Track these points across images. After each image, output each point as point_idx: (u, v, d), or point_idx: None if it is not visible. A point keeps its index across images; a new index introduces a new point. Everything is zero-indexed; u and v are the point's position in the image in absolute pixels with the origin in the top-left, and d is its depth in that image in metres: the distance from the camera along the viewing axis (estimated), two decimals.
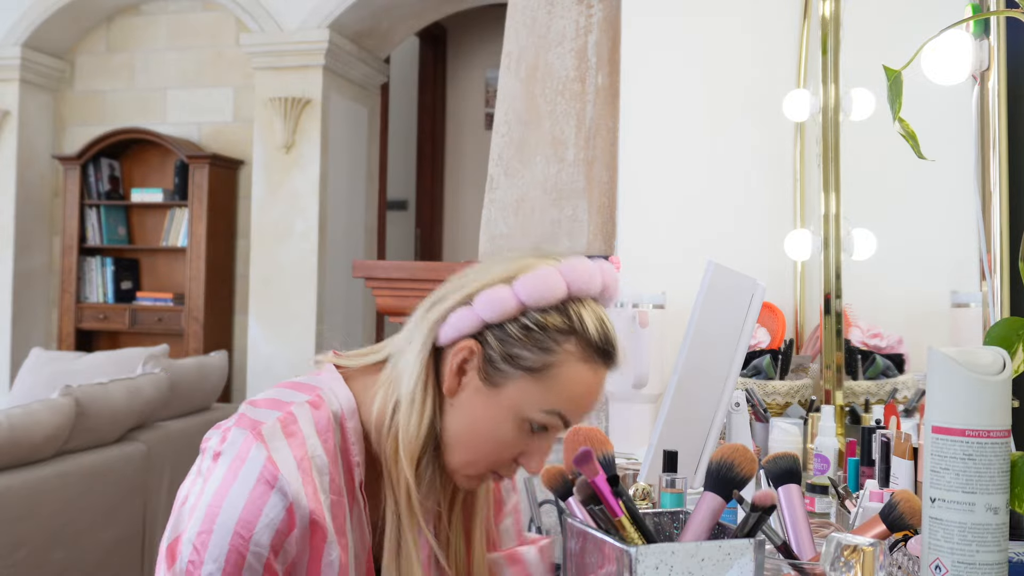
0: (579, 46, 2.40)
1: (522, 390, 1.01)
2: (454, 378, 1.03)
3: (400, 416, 1.03)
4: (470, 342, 1.02)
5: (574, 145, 2.37)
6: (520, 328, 1.01)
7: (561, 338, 1.01)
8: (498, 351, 1.01)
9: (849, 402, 1.89)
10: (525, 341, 1.01)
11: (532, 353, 1.00)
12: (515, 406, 1.01)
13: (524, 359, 1.01)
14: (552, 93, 2.40)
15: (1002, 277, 1.31)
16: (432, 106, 7.18)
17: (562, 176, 2.37)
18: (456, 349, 1.02)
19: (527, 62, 2.42)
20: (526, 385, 1.01)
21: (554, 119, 2.39)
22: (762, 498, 0.89)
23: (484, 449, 1.03)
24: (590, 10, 2.41)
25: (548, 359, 1.00)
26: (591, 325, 1.02)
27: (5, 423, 2.50)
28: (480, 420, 1.03)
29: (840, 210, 1.95)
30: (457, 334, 1.02)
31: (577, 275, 1.02)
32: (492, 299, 1.01)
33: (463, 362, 1.02)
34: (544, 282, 1.00)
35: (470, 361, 1.02)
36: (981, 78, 1.33)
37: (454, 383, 1.03)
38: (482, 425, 1.02)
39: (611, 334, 1.04)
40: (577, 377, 1.01)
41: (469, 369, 1.02)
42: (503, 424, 1.02)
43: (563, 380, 1.01)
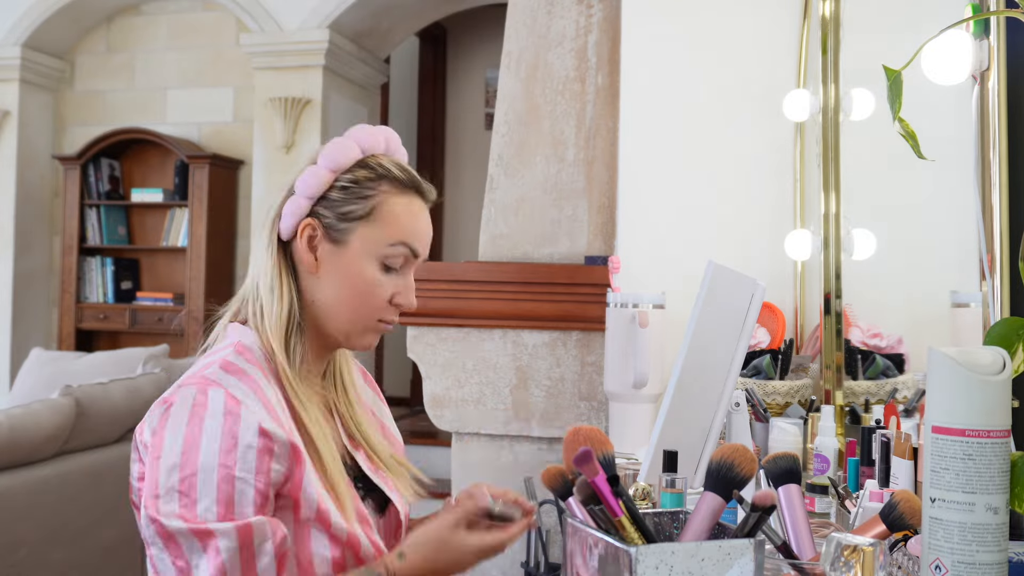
0: (579, 46, 2.40)
1: (364, 236, 1.19)
2: (308, 254, 1.19)
3: (264, 308, 1.18)
4: (308, 220, 1.19)
5: (574, 145, 2.37)
6: (339, 191, 1.20)
7: (373, 184, 1.20)
8: (332, 216, 1.19)
9: (849, 402, 1.89)
10: (348, 198, 1.19)
11: (357, 204, 1.19)
12: (366, 250, 1.19)
13: (354, 211, 1.19)
14: (552, 93, 2.40)
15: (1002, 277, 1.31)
16: (432, 106, 7.18)
17: (562, 176, 2.37)
18: (299, 231, 1.19)
19: (527, 62, 2.42)
20: (365, 231, 1.19)
21: (554, 119, 2.39)
22: (762, 498, 0.89)
23: (360, 299, 1.19)
24: (590, 10, 2.41)
25: (371, 203, 1.19)
26: (392, 167, 1.22)
27: (5, 423, 2.50)
28: (346, 277, 1.19)
29: (840, 210, 1.95)
30: (295, 219, 1.19)
31: (363, 136, 1.22)
32: (307, 178, 1.19)
33: (310, 239, 1.19)
34: (339, 148, 1.20)
35: (315, 235, 1.19)
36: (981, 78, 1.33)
37: (310, 258, 1.19)
38: (349, 280, 1.19)
39: (413, 172, 1.23)
40: (400, 209, 1.21)
41: (317, 241, 1.19)
42: (365, 270, 1.19)
43: (391, 215, 1.20)
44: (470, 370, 2.30)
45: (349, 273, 1.19)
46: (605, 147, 2.37)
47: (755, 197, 2.22)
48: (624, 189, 2.27)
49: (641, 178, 2.27)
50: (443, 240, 7.16)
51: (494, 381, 2.29)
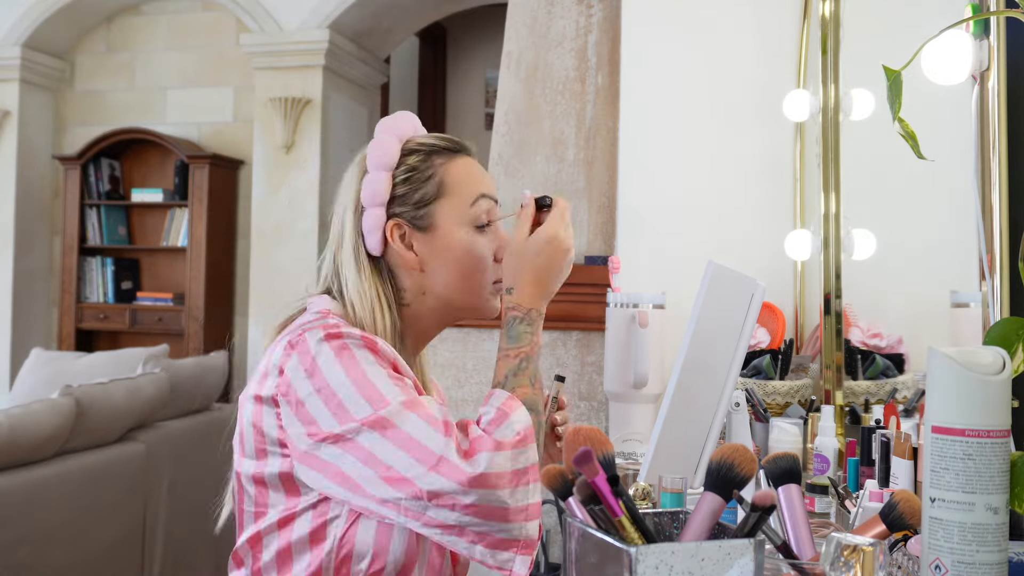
0: (579, 46, 2.40)
1: (447, 210, 1.21)
2: (408, 253, 1.21)
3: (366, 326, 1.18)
4: (389, 223, 1.20)
5: (574, 145, 2.37)
6: (402, 185, 1.21)
7: (428, 163, 1.22)
8: (409, 208, 1.21)
9: (849, 402, 1.89)
10: (414, 187, 1.21)
11: (425, 187, 1.21)
12: (456, 220, 1.21)
13: (427, 194, 1.21)
14: (552, 93, 2.40)
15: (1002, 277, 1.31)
16: (432, 106, 7.18)
17: (562, 176, 2.37)
18: (390, 237, 1.20)
19: (527, 62, 2.42)
20: (445, 206, 1.21)
21: (554, 119, 2.39)
22: (762, 498, 0.89)
23: (472, 267, 1.21)
24: (590, 10, 2.41)
25: (436, 180, 1.21)
26: (433, 141, 1.25)
27: (5, 423, 2.50)
28: (450, 254, 1.21)
29: (840, 210, 1.95)
30: (377, 230, 1.20)
31: (394, 127, 1.24)
32: (369, 189, 1.20)
33: (402, 238, 1.21)
34: (383, 148, 1.21)
35: (405, 232, 1.21)
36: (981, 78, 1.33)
37: (411, 256, 1.21)
38: (455, 255, 1.21)
39: (450, 137, 1.27)
40: (461, 170, 1.23)
41: (409, 238, 1.21)
42: (463, 239, 1.21)
43: (457, 179, 1.22)
44: (470, 370, 2.30)
45: (452, 249, 1.21)
46: (605, 147, 2.37)
47: (755, 197, 2.22)
48: (624, 189, 2.27)
49: (641, 178, 2.27)
50: None
51: None
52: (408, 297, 1.22)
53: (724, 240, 2.21)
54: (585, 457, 0.89)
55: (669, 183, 2.26)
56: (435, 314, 1.24)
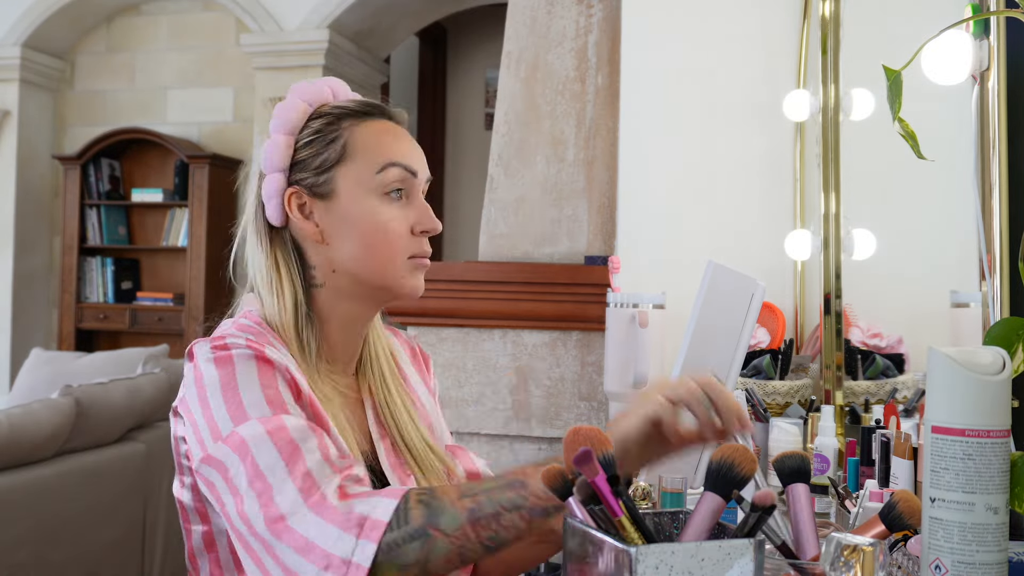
0: (579, 46, 2.40)
1: (348, 176, 1.10)
2: (307, 223, 1.11)
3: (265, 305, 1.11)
4: (288, 191, 1.11)
5: (574, 145, 2.37)
6: (305, 148, 1.12)
7: (333, 126, 1.12)
8: (310, 174, 1.11)
9: (849, 402, 1.89)
10: (316, 151, 1.11)
11: (327, 150, 1.11)
12: (359, 188, 1.10)
13: (327, 158, 1.11)
14: (552, 93, 2.40)
15: (1002, 277, 1.31)
16: (432, 106, 7.18)
17: (562, 176, 2.37)
18: (288, 206, 1.11)
19: (527, 62, 2.42)
20: (347, 171, 1.11)
21: (554, 119, 2.39)
22: (762, 498, 0.89)
23: (378, 240, 1.10)
24: (590, 10, 2.41)
25: (340, 142, 1.11)
26: (348, 104, 1.14)
27: (5, 423, 2.50)
28: (352, 224, 1.10)
29: (840, 210, 1.95)
30: (276, 196, 1.11)
31: (305, 90, 1.14)
32: (268, 152, 1.12)
33: (300, 207, 1.11)
34: (286, 109, 1.13)
35: (303, 201, 1.11)
36: (981, 78, 1.33)
37: (311, 226, 1.11)
38: (358, 226, 1.10)
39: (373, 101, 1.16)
40: (370, 133, 1.12)
41: (308, 206, 1.11)
42: (367, 208, 1.10)
43: (364, 143, 1.11)
44: (470, 370, 2.30)
45: (353, 219, 1.10)
46: (605, 147, 2.37)
47: (755, 197, 2.22)
48: (624, 189, 2.27)
49: (641, 178, 2.26)
50: (443, 240, 7.16)
51: (494, 381, 2.29)
52: (319, 276, 1.13)
53: (724, 240, 2.21)
54: (585, 457, 0.89)
55: (669, 183, 2.26)
56: (353, 294, 1.13)
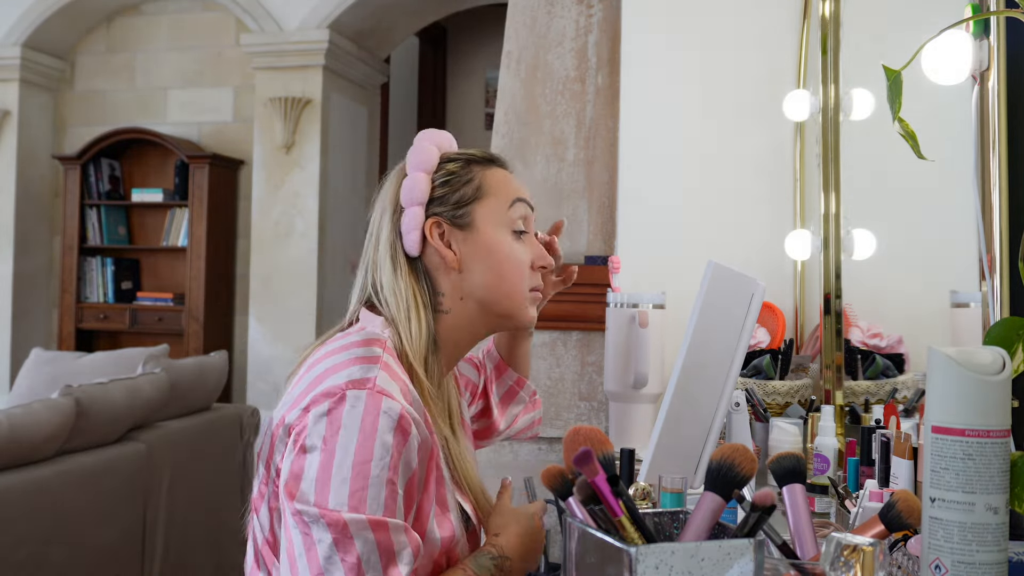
0: (579, 46, 2.40)
1: (485, 212, 1.23)
2: (447, 250, 1.21)
3: (402, 332, 1.17)
4: (428, 221, 1.21)
5: (574, 145, 2.37)
6: (442, 187, 1.23)
7: (467, 169, 1.25)
8: (448, 208, 1.22)
9: (849, 402, 1.89)
10: (453, 188, 1.23)
11: (465, 188, 1.23)
12: (494, 222, 1.23)
13: (466, 195, 1.23)
14: (552, 93, 2.40)
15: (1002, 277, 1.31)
16: (432, 106, 7.18)
17: (562, 176, 2.37)
18: (429, 234, 1.21)
19: (527, 62, 2.42)
20: (484, 207, 1.23)
21: (554, 119, 2.39)
22: (762, 498, 0.89)
23: (510, 270, 1.23)
24: (590, 10, 2.41)
25: (475, 183, 1.24)
26: (472, 152, 1.28)
27: (5, 423, 2.50)
28: (488, 254, 1.22)
29: (840, 210, 1.95)
30: (416, 229, 1.21)
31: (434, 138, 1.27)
32: (410, 189, 1.21)
33: (441, 237, 1.21)
34: (423, 153, 1.24)
35: (444, 231, 1.21)
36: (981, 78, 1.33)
37: (450, 254, 1.21)
38: (493, 256, 1.22)
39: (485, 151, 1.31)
40: (499, 177, 1.27)
41: (448, 237, 1.21)
42: (502, 241, 1.23)
43: (495, 184, 1.25)
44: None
45: (490, 249, 1.22)
46: (605, 147, 2.37)
47: (755, 197, 2.22)
48: (624, 189, 2.27)
49: (641, 178, 2.27)
50: None
51: None
52: (447, 303, 1.22)
53: (724, 240, 2.21)
54: (585, 457, 0.89)
55: (669, 183, 2.26)
56: (473, 321, 1.23)
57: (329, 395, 1.05)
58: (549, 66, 2.40)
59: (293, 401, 1.09)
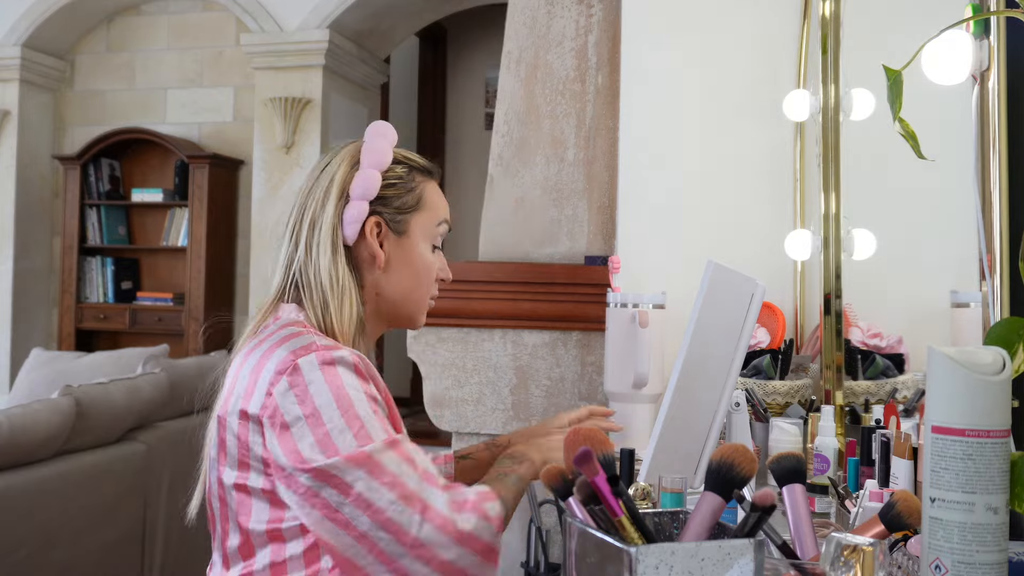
0: (579, 46, 2.40)
1: (419, 223, 1.32)
2: (379, 251, 1.28)
3: (332, 312, 1.24)
4: (372, 220, 1.28)
5: (574, 145, 2.37)
6: (388, 188, 1.30)
7: (412, 176, 1.33)
8: (390, 211, 1.30)
9: (849, 402, 1.89)
10: (398, 193, 1.30)
11: (407, 196, 1.31)
12: (423, 235, 1.33)
13: (407, 203, 1.31)
14: (552, 93, 2.40)
15: (1002, 277, 1.31)
16: (432, 106, 7.17)
17: (562, 176, 2.37)
18: (368, 235, 1.28)
19: (527, 62, 2.42)
20: (419, 218, 1.32)
21: (554, 119, 2.39)
22: (762, 498, 0.88)
23: (422, 281, 1.33)
24: (590, 10, 2.41)
25: (417, 193, 1.32)
26: (416, 159, 1.35)
27: (5, 423, 2.50)
28: (410, 263, 1.31)
29: (840, 210, 1.95)
30: (357, 223, 1.27)
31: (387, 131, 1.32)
32: (363, 186, 1.27)
33: (379, 235, 1.29)
34: (378, 150, 1.29)
35: (380, 230, 1.29)
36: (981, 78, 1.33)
37: (381, 255, 1.28)
38: (414, 266, 1.32)
39: (426, 160, 1.37)
40: (435, 193, 1.36)
41: (383, 237, 1.29)
42: (424, 253, 1.33)
43: (431, 200, 1.34)
44: (470, 370, 2.30)
45: (413, 259, 1.32)
46: (605, 147, 2.37)
47: (755, 197, 2.22)
48: (624, 189, 2.27)
49: (641, 178, 2.26)
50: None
51: (494, 381, 2.29)
52: (364, 295, 1.30)
53: (724, 240, 2.20)
54: (585, 457, 0.89)
55: (669, 183, 2.26)
56: (380, 317, 1.33)
57: (281, 371, 1.12)
58: (549, 66, 2.40)
59: (244, 394, 1.15)
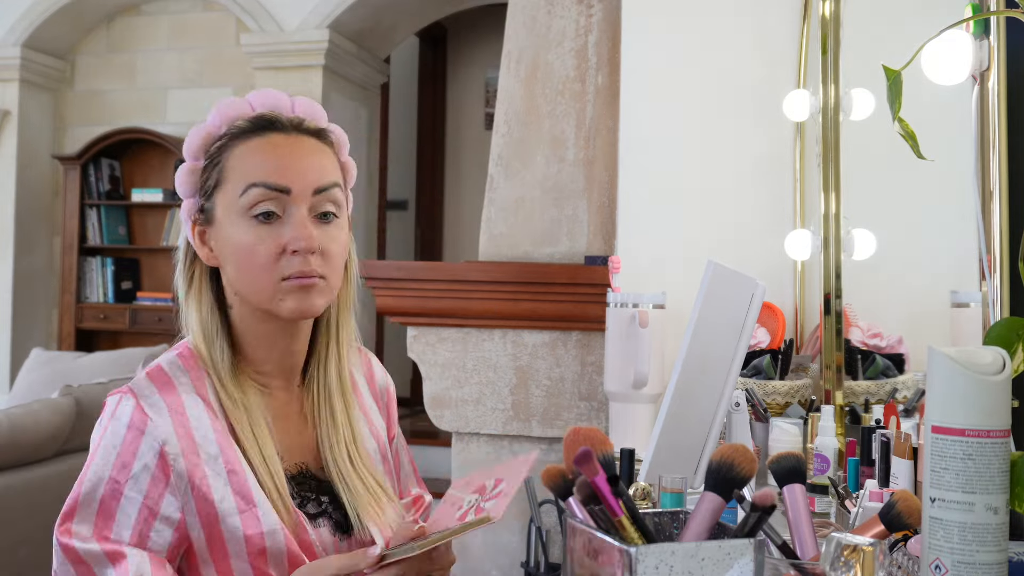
0: (579, 46, 2.40)
1: (223, 201, 1.10)
2: (203, 247, 1.13)
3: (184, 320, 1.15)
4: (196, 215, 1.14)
5: (574, 145, 2.37)
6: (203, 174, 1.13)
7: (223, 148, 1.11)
8: (201, 199, 1.13)
9: (849, 402, 1.89)
10: (206, 175, 1.12)
11: (212, 175, 1.11)
12: (229, 213, 1.10)
13: (210, 183, 1.11)
14: (552, 93, 2.40)
15: (1002, 277, 1.31)
16: (432, 106, 7.17)
17: (562, 176, 2.37)
18: (191, 236, 1.15)
19: (527, 62, 2.42)
20: (222, 195, 1.10)
21: (554, 119, 2.39)
22: (762, 498, 0.89)
23: (249, 265, 1.09)
24: (590, 10, 2.41)
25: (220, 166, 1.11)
26: (242, 122, 1.12)
27: (5, 423, 2.50)
28: (229, 249, 1.10)
29: (840, 210, 1.95)
30: (187, 221, 1.15)
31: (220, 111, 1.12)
32: (177, 179, 1.14)
33: (201, 234, 1.14)
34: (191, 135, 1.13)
35: (204, 229, 1.13)
36: (981, 78, 1.33)
37: (206, 251, 1.13)
38: (232, 250, 1.10)
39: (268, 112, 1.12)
40: (244, 154, 1.10)
41: (207, 232, 1.13)
42: (236, 233, 1.09)
43: (236, 167, 1.10)
44: (470, 370, 2.30)
45: (229, 244, 1.10)
46: (605, 147, 2.37)
47: (755, 197, 2.22)
48: (624, 189, 2.27)
49: (641, 178, 2.26)
50: (443, 240, 7.16)
51: (494, 381, 2.29)
52: (229, 296, 1.15)
53: (724, 240, 2.20)
54: (585, 457, 0.89)
55: (669, 183, 2.26)
56: (254, 314, 1.13)
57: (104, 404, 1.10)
58: (549, 66, 2.40)
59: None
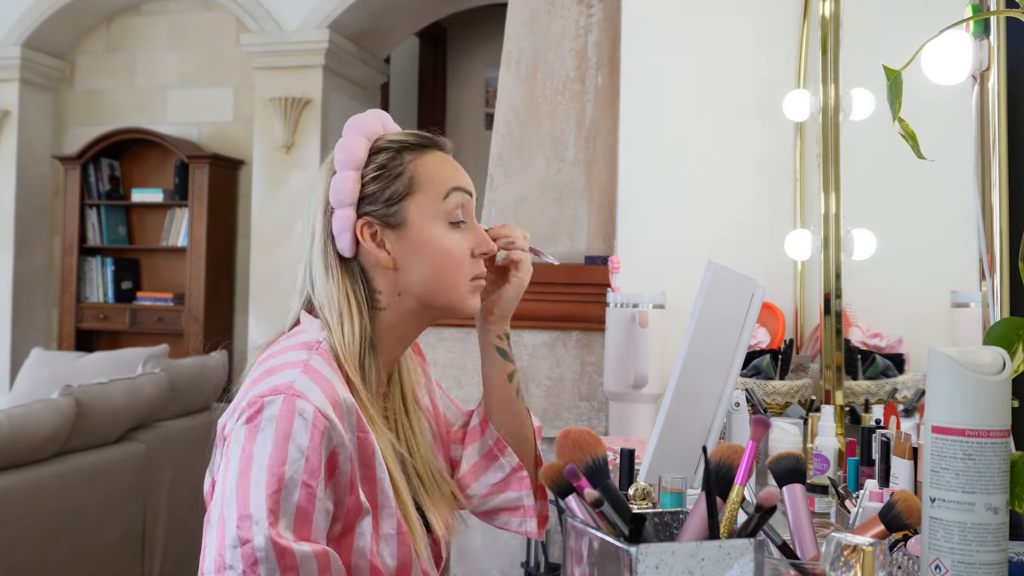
0: (579, 46, 2.40)
1: (418, 206, 1.18)
2: (380, 251, 1.17)
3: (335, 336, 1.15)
4: (360, 222, 1.17)
5: (574, 145, 2.37)
6: (372, 183, 1.17)
7: (396, 159, 1.19)
8: (380, 206, 1.17)
9: (849, 402, 1.89)
10: (384, 184, 1.17)
11: (395, 183, 1.18)
12: (428, 216, 1.18)
13: (397, 191, 1.17)
14: (552, 93, 2.40)
15: (1002, 277, 1.31)
16: (432, 106, 7.18)
17: (562, 176, 2.37)
18: (360, 236, 1.17)
19: (527, 62, 2.42)
20: (417, 201, 1.18)
21: (554, 119, 2.39)
22: (766, 498, 0.88)
23: (447, 264, 1.18)
24: (590, 10, 2.41)
25: (407, 176, 1.18)
26: (403, 137, 1.22)
27: (5, 423, 2.50)
28: (423, 251, 1.18)
29: (840, 210, 1.95)
30: (347, 231, 1.17)
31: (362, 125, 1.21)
32: (338, 189, 1.17)
33: (372, 236, 1.17)
34: (350, 147, 1.18)
35: (375, 231, 1.17)
36: (981, 78, 1.33)
37: (384, 255, 1.17)
38: (428, 252, 1.18)
39: (423, 132, 1.24)
40: (432, 165, 1.20)
41: (380, 235, 1.17)
42: (435, 234, 1.18)
43: (428, 174, 1.19)
44: (470, 370, 2.30)
45: (424, 245, 1.17)
46: (605, 147, 2.37)
47: (755, 197, 2.22)
48: (624, 189, 2.27)
49: (641, 178, 2.26)
50: None
51: None
52: (384, 300, 1.19)
53: (724, 240, 2.21)
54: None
55: (669, 183, 2.26)
56: (413, 316, 1.20)
57: (252, 404, 1.05)
58: (549, 66, 2.40)
59: (232, 408, 1.10)
